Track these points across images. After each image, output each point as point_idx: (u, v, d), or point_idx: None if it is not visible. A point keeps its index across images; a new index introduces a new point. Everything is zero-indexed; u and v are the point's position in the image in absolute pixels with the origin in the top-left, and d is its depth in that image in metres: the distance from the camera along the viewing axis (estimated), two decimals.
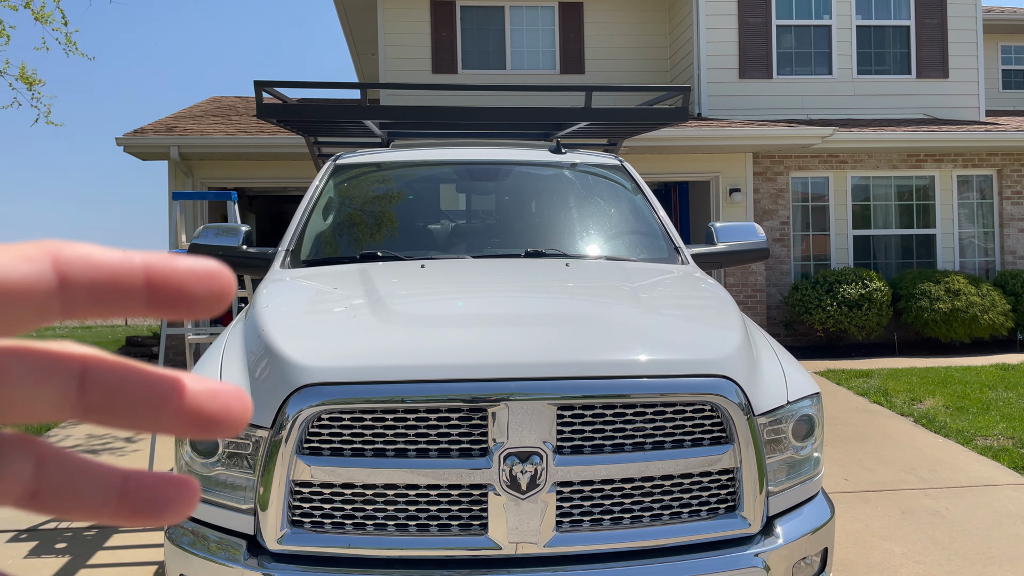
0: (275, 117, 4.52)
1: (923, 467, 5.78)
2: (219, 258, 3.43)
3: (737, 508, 2.42)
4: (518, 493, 2.25)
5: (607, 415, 2.31)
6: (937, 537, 4.51)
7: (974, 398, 7.77)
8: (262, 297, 2.98)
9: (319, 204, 3.97)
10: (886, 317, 11.07)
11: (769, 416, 2.49)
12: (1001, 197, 12.62)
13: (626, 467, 2.31)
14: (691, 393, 2.33)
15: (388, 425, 2.27)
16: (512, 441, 2.24)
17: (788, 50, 12.80)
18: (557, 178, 4.18)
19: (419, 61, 13.66)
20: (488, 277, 3.14)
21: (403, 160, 4.24)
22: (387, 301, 2.69)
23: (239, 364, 2.57)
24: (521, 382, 2.25)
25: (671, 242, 3.85)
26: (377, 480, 2.25)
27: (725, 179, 11.99)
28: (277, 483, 2.27)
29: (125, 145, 10.78)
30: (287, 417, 2.25)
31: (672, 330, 2.58)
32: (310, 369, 2.29)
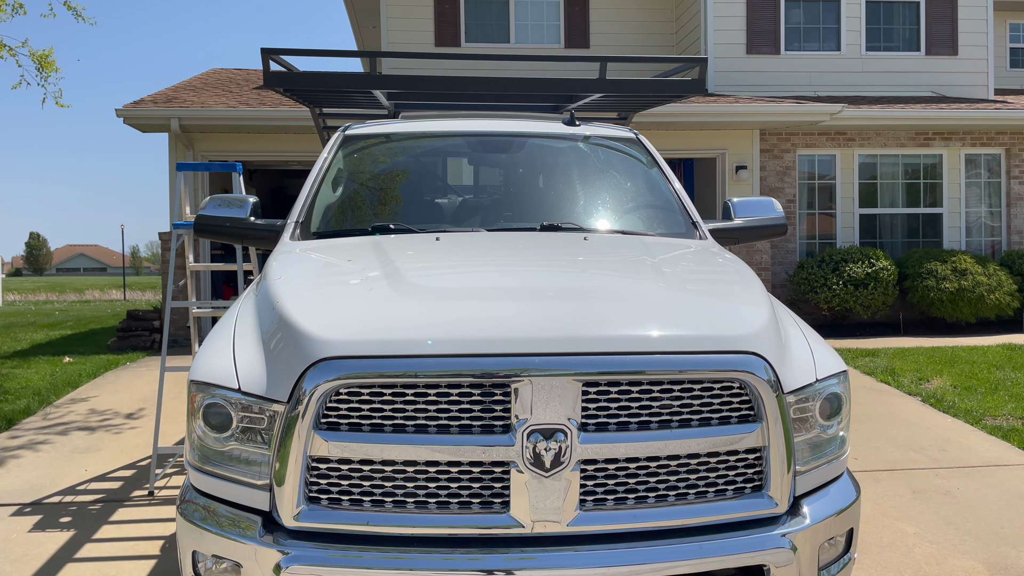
0: (282, 86, 4.42)
1: (933, 447, 5.75)
2: (227, 229, 3.35)
3: (764, 488, 2.36)
4: (541, 471, 2.19)
5: (633, 392, 2.25)
6: (950, 517, 4.47)
7: (982, 378, 7.73)
8: (274, 269, 2.91)
9: (328, 175, 3.88)
10: (892, 296, 11.01)
11: (797, 394, 2.43)
12: (1009, 176, 12.52)
13: (651, 445, 2.25)
14: (720, 370, 2.27)
15: (408, 400, 2.20)
16: (536, 417, 2.18)
17: (796, 25, 12.64)
18: (572, 151, 4.09)
19: (422, 34, 13.48)
20: (506, 250, 3.06)
21: (414, 131, 4.15)
22: (405, 273, 2.62)
23: (252, 337, 2.51)
24: (546, 357, 2.19)
25: (688, 217, 3.78)
26: (396, 456, 2.19)
27: (731, 156, 11.87)
28: (294, 459, 2.21)
29: (125, 116, 10.64)
30: (304, 391, 2.19)
31: (699, 305, 2.51)
32: (328, 342, 2.22)
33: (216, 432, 2.36)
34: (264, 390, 2.28)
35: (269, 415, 2.27)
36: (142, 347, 10.82)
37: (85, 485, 5.01)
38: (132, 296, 32.92)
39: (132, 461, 5.51)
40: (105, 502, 4.71)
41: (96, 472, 5.26)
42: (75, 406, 7.25)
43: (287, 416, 2.21)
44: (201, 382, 2.38)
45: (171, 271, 5.10)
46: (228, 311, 2.87)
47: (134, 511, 4.58)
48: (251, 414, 2.30)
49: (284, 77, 4.40)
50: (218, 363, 2.42)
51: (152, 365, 9.42)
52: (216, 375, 2.38)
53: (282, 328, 2.39)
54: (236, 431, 2.33)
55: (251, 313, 2.67)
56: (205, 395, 2.37)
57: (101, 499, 4.76)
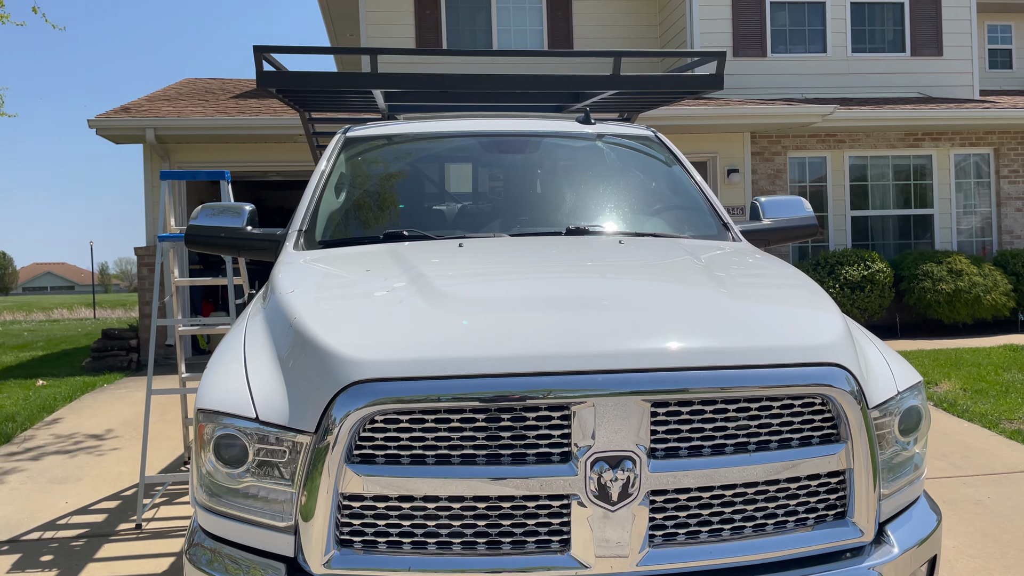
0: (276, 86, 4.13)
1: (955, 453, 5.56)
2: (221, 240, 3.03)
3: (847, 515, 2.12)
4: (607, 504, 1.92)
5: (707, 412, 2.00)
6: (987, 529, 4.27)
7: (991, 380, 7.58)
8: (283, 282, 2.62)
9: (331, 181, 3.60)
10: (888, 299, 10.89)
11: (880, 409, 2.19)
12: (998, 176, 12.49)
13: (727, 472, 2.00)
14: (803, 385, 2.02)
15: (453, 427, 1.93)
16: (600, 444, 1.92)
17: (782, 28, 12.55)
18: (590, 150, 3.85)
19: (402, 40, 13.22)
20: (541, 256, 2.80)
21: (422, 132, 3.88)
22: (436, 283, 2.34)
23: (267, 359, 2.22)
24: (610, 375, 1.93)
25: (719, 218, 3.54)
26: (440, 491, 1.92)
27: (723, 159, 11.71)
28: (323, 497, 1.92)
29: (98, 127, 10.26)
30: (334, 420, 1.91)
31: (770, 313, 2.26)
32: (361, 363, 1.94)
33: (229, 467, 2.07)
34: (286, 419, 2.00)
35: (292, 448, 1.99)
36: (119, 367, 10.40)
37: (66, 519, 4.66)
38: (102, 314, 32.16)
39: (116, 491, 5.15)
40: (89, 537, 4.36)
41: (78, 504, 4.91)
42: (52, 432, 6.86)
43: (314, 449, 1.93)
44: (211, 411, 2.10)
45: (156, 286, 4.77)
46: (232, 330, 2.58)
47: (121, 546, 4.24)
48: (270, 446, 2.02)
49: (278, 77, 4.11)
50: (230, 389, 2.14)
51: (131, 386, 9.02)
52: (228, 403, 2.09)
53: (304, 348, 2.10)
54: (252, 466, 2.04)
55: (262, 331, 2.39)
56: (216, 425, 2.08)
57: (84, 534, 4.41)
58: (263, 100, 11.69)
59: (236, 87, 13.45)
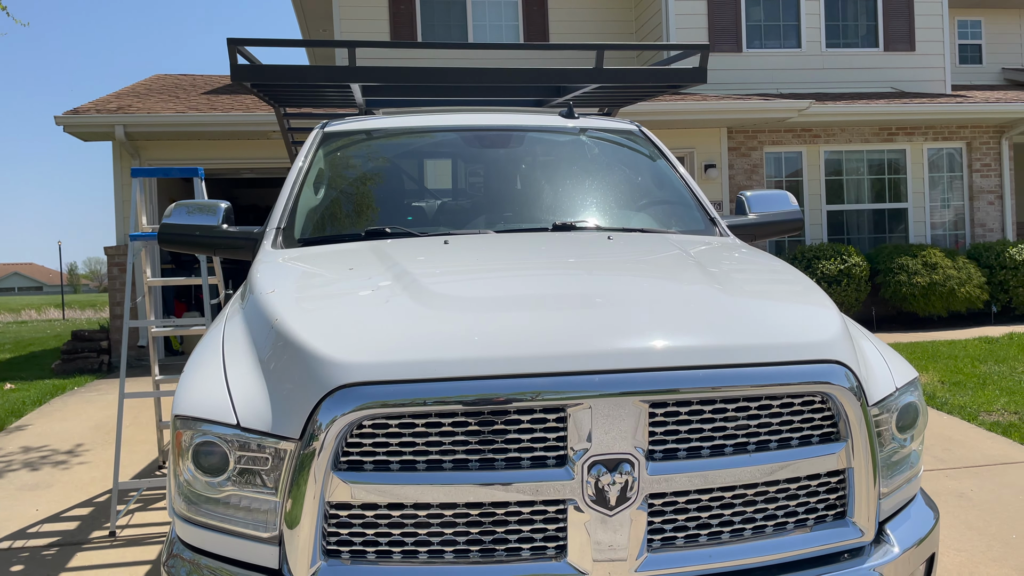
0: (251, 80, 4.01)
1: (936, 446, 5.58)
2: (196, 238, 2.93)
3: (847, 514, 2.08)
4: (605, 509, 1.86)
5: (705, 412, 1.94)
6: (971, 522, 4.28)
7: (968, 372, 7.64)
8: (261, 281, 2.52)
9: (309, 177, 3.50)
10: (864, 292, 10.96)
11: (879, 406, 2.15)
12: (971, 170, 12.62)
13: (726, 473, 1.94)
14: (803, 383, 1.97)
15: (445, 431, 1.86)
16: (597, 447, 1.85)
17: (757, 23, 12.57)
18: (574, 144, 3.78)
19: (377, 36, 13.08)
20: (529, 253, 2.73)
21: (402, 126, 3.79)
22: (423, 282, 2.26)
23: (247, 362, 2.13)
24: (607, 375, 1.86)
25: (706, 212, 3.50)
26: (432, 498, 1.85)
27: (700, 155, 11.71)
28: (308, 505, 1.84)
29: (65, 124, 10.02)
30: (319, 426, 1.83)
31: (766, 310, 2.20)
32: (348, 366, 1.86)
33: (209, 475, 1.98)
34: (269, 425, 1.92)
35: (275, 455, 1.90)
36: (90, 369, 10.18)
37: (37, 527, 4.52)
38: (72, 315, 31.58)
39: (89, 497, 5.01)
40: (61, 546, 4.23)
41: (49, 511, 4.76)
42: (21, 437, 6.67)
43: (299, 456, 1.85)
44: (190, 417, 2.00)
45: (128, 286, 4.64)
46: (209, 332, 2.48)
47: (95, 555, 4.11)
48: (253, 453, 1.93)
49: (254, 70, 4.00)
50: (208, 394, 2.05)
51: (103, 389, 8.82)
52: (208, 408, 2.00)
53: (286, 350, 2.02)
54: (233, 474, 1.96)
55: (241, 333, 2.29)
56: (195, 432, 1.99)
57: (56, 542, 4.27)
58: (236, 96, 11.50)
59: (208, 83, 13.23)
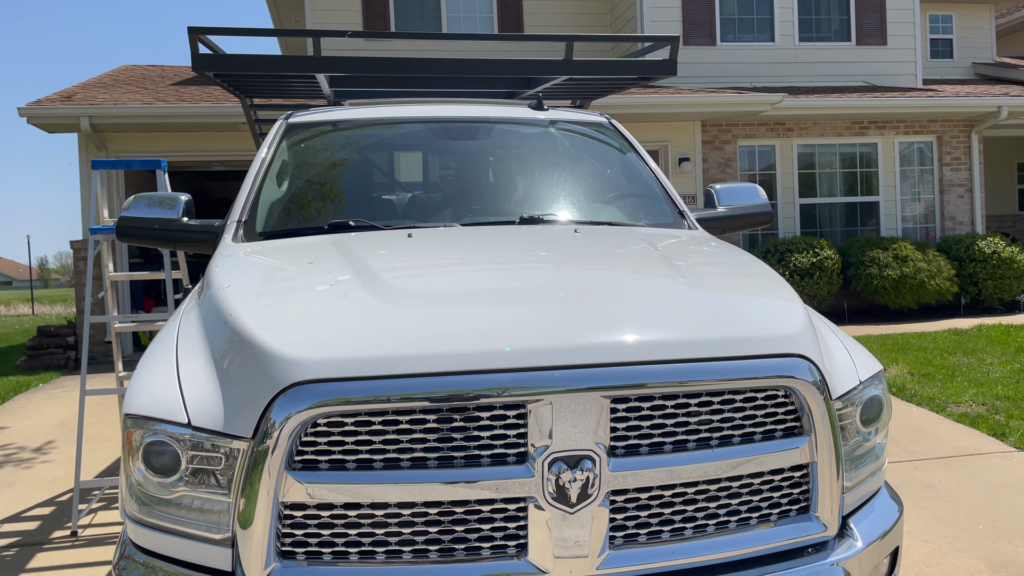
0: (213, 70, 3.93)
1: (904, 437, 5.62)
2: (155, 232, 2.86)
3: (811, 509, 2.06)
4: (566, 506, 1.83)
5: (668, 407, 1.92)
6: (938, 513, 4.31)
7: (937, 364, 7.71)
8: (219, 275, 2.46)
9: (272, 169, 3.44)
10: (836, 285, 11.04)
11: (843, 400, 2.14)
12: (941, 164, 12.75)
13: (689, 468, 1.92)
14: (766, 377, 1.95)
15: (402, 429, 1.82)
16: (558, 443, 1.82)
17: (731, 16, 12.59)
18: (543, 137, 3.74)
19: (350, 27, 12.93)
20: (494, 247, 2.68)
21: (368, 117, 3.73)
22: (383, 276, 2.22)
23: (201, 359, 2.07)
24: (568, 371, 1.83)
25: (675, 205, 3.48)
26: (390, 498, 1.80)
27: (674, 148, 11.72)
28: (262, 507, 1.80)
29: (29, 116, 9.82)
30: (273, 424, 1.78)
31: (730, 304, 2.18)
32: (301, 363, 1.81)
33: (160, 476, 1.92)
34: (221, 424, 1.86)
35: (228, 455, 1.85)
36: (55, 366, 10.00)
37: None
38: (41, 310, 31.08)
39: (50, 496, 4.91)
40: (21, 546, 4.13)
41: (9, 511, 4.66)
42: None
43: (252, 455, 1.80)
44: (140, 416, 1.94)
45: (88, 282, 4.53)
46: (165, 328, 2.42)
47: (55, 555, 4.02)
48: (205, 453, 1.88)
49: (215, 60, 3.92)
50: (160, 392, 1.99)
51: (68, 385, 8.67)
52: (158, 407, 1.94)
53: (240, 347, 1.96)
54: (186, 474, 1.90)
55: (196, 329, 2.23)
56: (145, 432, 1.93)
57: (16, 543, 4.18)
58: (205, 87, 11.33)
59: (176, 74, 13.03)
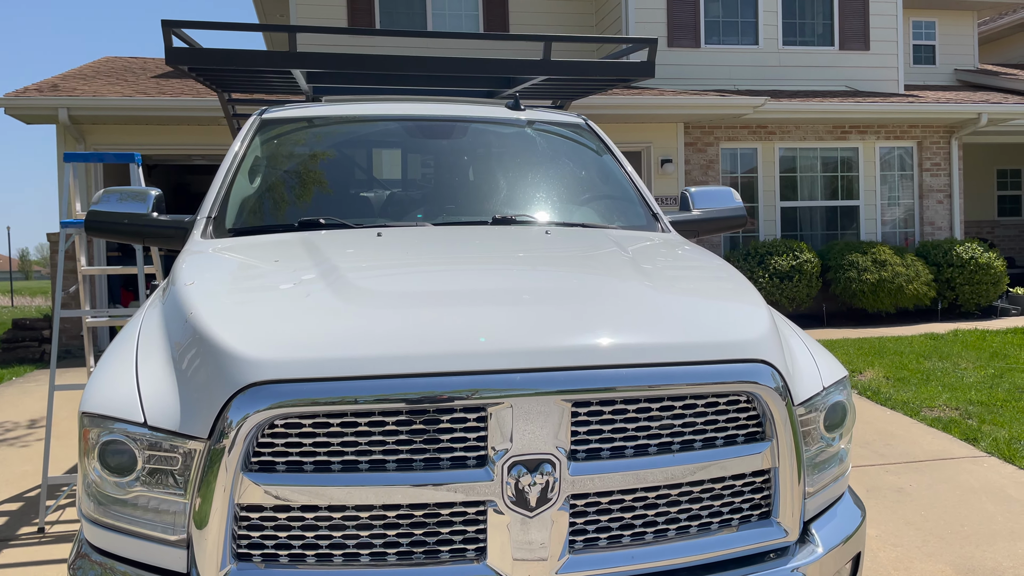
0: (187, 64, 3.89)
1: (877, 441, 5.65)
2: (124, 227, 2.83)
3: (772, 514, 2.06)
4: (525, 510, 1.82)
5: (629, 411, 1.91)
6: (908, 517, 4.33)
7: (912, 368, 7.77)
8: (184, 272, 2.44)
9: (244, 165, 3.41)
10: (815, 288, 11.10)
11: (806, 406, 2.14)
12: (921, 169, 12.85)
13: (650, 473, 1.92)
14: (727, 382, 1.95)
15: (361, 431, 1.80)
16: (518, 447, 1.81)
17: (716, 19, 12.63)
18: (519, 137, 3.73)
19: (334, 22, 12.88)
20: (464, 247, 2.67)
21: (342, 114, 3.70)
22: (348, 275, 2.20)
23: (160, 358, 2.05)
24: (529, 374, 1.82)
25: (649, 208, 3.48)
26: (347, 500, 1.79)
27: (657, 149, 11.75)
28: (218, 508, 1.78)
29: (6, 106, 9.70)
30: (229, 424, 1.76)
31: (695, 308, 2.18)
32: (259, 363, 1.80)
33: (117, 476, 1.90)
34: (177, 424, 1.84)
35: (185, 455, 1.83)
36: (30, 359, 9.89)
37: None
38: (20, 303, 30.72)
39: (19, 492, 4.85)
40: None
41: None
42: None
43: (207, 456, 1.78)
44: (96, 414, 1.92)
45: (59, 276, 4.48)
46: (127, 325, 2.39)
47: (22, 552, 3.98)
48: (161, 453, 1.86)
49: (189, 54, 3.88)
50: (117, 390, 1.96)
51: (42, 379, 8.58)
52: (115, 406, 1.92)
53: (198, 346, 1.94)
54: (142, 474, 1.88)
55: (157, 327, 2.21)
56: (102, 430, 1.91)
57: None
58: (187, 81, 11.24)
59: (158, 67, 12.92)
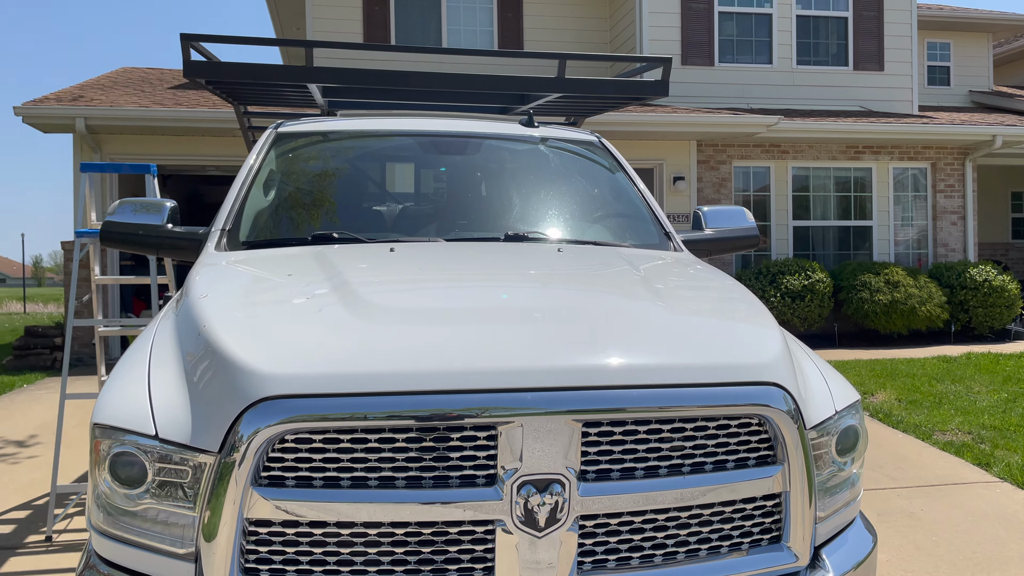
0: (204, 77, 3.92)
1: (889, 464, 5.60)
2: (139, 238, 2.85)
3: (783, 539, 2.05)
4: (534, 530, 1.81)
5: (640, 432, 1.90)
6: (919, 542, 4.28)
7: (925, 391, 7.71)
8: (198, 285, 2.45)
9: (259, 178, 3.43)
10: (827, 308, 11.05)
11: (818, 429, 2.12)
12: (935, 190, 12.80)
13: (660, 495, 1.90)
14: (739, 405, 1.94)
15: (371, 448, 1.80)
16: (528, 466, 1.80)
17: (730, 38, 12.66)
18: (532, 154, 3.74)
19: (350, 36, 12.97)
20: (476, 263, 2.67)
21: (357, 129, 3.72)
22: (360, 291, 2.20)
23: (173, 368, 2.06)
24: (540, 393, 1.82)
25: (661, 227, 3.47)
26: (356, 517, 1.78)
27: (669, 167, 11.75)
28: (226, 522, 1.77)
29: (24, 115, 9.80)
30: (240, 438, 1.76)
31: (708, 329, 2.18)
32: (270, 377, 1.80)
33: (127, 487, 1.90)
34: (188, 437, 1.84)
35: (195, 469, 1.83)
36: (41, 367, 9.94)
37: None
38: (33, 309, 30.95)
39: (27, 500, 4.86)
40: None
41: None
42: None
43: (218, 470, 1.78)
44: (108, 426, 1.92)
45: (73, 285, 4.51)
46: (141, 336, 2.40)
47: (29, 560, 3.98)
48: (172, 466, 1.86)
49: (207, 67, 3.91)
50: (129, 402, 1.97)
51: (53, 387, 8.61)
52: (127, 418, 1.92)
53: (210, 359, 1.95)
54: (152, 487, 1.88)
55: (170, 339, 2.22)
56: (113, 442, 1.91)
57: None
58: (203, 92, 11.33)
59: (175, 78, 13.04)
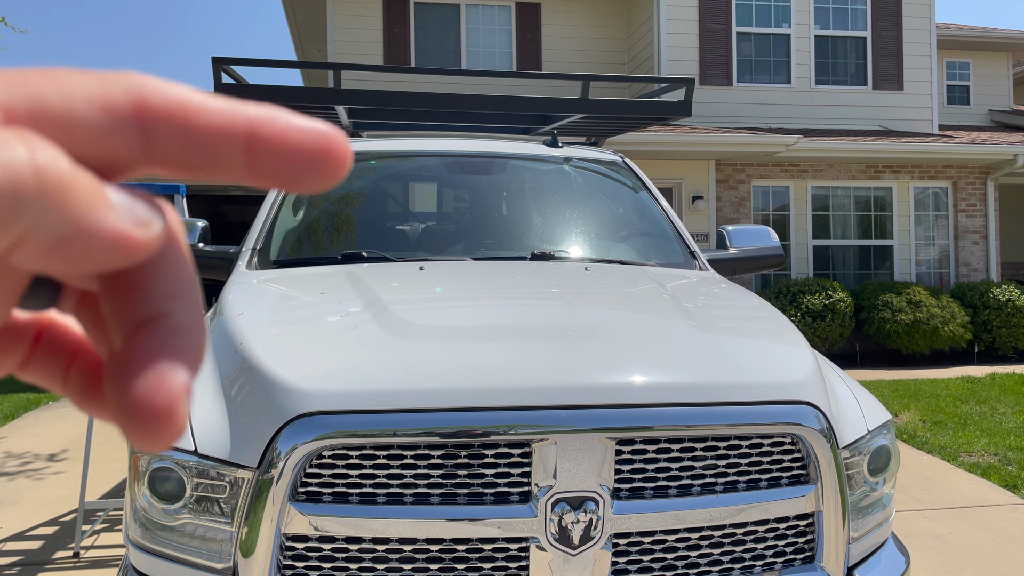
0: (235, 98, 3.99)
1: (915, 486, 5.55)
2: None
3: (816, 559, 2.04)
4: (568, 548, 1.82)
5: (673, 450, 1.91)
6: (948, 565, 4.24)
7: (949, 412, 7.63)
8: (231, 303, 2.49)
9: (288, 198, 3.48)
10: (849, 328, 10.98)
11: (850, 449, 2.12)
12: (956, 210, 12.73)
13: (693, 513, 1.91)
14: (772, 424, 1.94)
15: (406, 464, 1.82)
16: (562, 484, 1.82)
17: (748, 58, 12.69)
18: (557, 173, 3.78)
19: (371, 58, 13.13)
20: (504, 282, 2.70)
21: (385, 150, 3.78)
22: (393, 309, 2.23)
23: (210, 385, 2.09)
24: (575, 410, 1.83)
25: (686, 246, 3.49)
26: (391, 533, 1.80)
27: (688, 186, 11.77)
28: (264, 537, 1.80)
29: None
30: (278, 454, 1.79)
31: (739, 348, 2.19)
32: (309, 394, 1.83)
33: (165, 502, 1.93)
34: (227, 453, 1.87)
35: (233, 484, 1.86)
36: None
37: (0, 545, 4.42)
38: None
39: (55, 516, 4.91)
40: (23, 565, 4.13)
41: (13, 529, 4.66)
42: None
43: (256, 485, 1.81)
44: None
45: None
46: None
47: None
48: (210, 481, 1.89)
49: (237, 89, 3.98)
50: None
51: None
52: None
53: (248, 376, 1.98)
54: (190, 501, 1.91)
55: (206, 356, 2.25)
56: (152, 457, 1.94)
57: (18, 562, 4.18)
58: None
59: None
